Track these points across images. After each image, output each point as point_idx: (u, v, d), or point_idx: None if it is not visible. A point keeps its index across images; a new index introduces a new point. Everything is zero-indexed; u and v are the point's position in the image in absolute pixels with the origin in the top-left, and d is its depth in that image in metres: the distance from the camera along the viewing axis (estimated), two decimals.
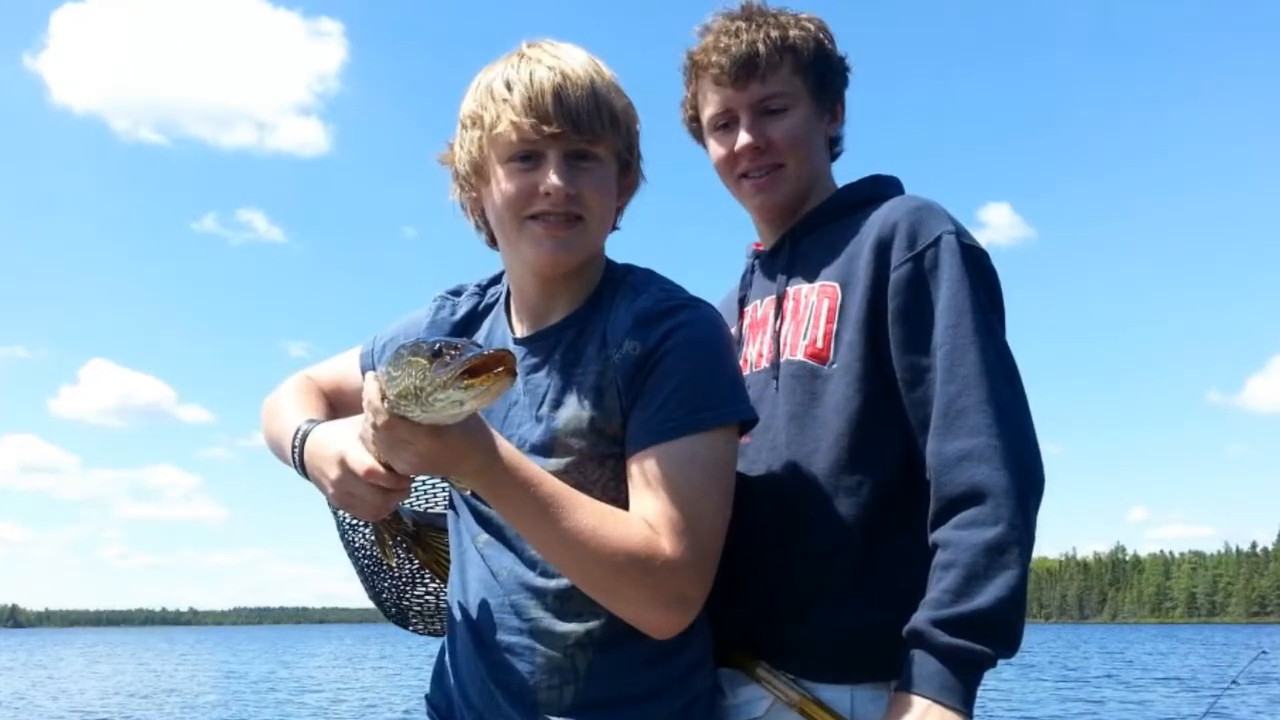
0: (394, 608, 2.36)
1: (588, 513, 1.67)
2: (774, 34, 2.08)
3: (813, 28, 2.12)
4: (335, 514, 2.25)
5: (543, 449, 1.80)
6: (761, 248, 2.23)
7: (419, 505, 2.21)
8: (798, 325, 2.02)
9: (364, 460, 1.66)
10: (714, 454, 1.73)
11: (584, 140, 1.79)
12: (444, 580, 2.12)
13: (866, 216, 2.01)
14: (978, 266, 1.91)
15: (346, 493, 1.71)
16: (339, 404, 2.09)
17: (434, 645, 2.16)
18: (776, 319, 2.07)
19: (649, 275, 1.91)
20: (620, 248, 1.97)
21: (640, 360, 1.75)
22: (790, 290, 2.08)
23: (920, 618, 1.74)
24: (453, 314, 2.05)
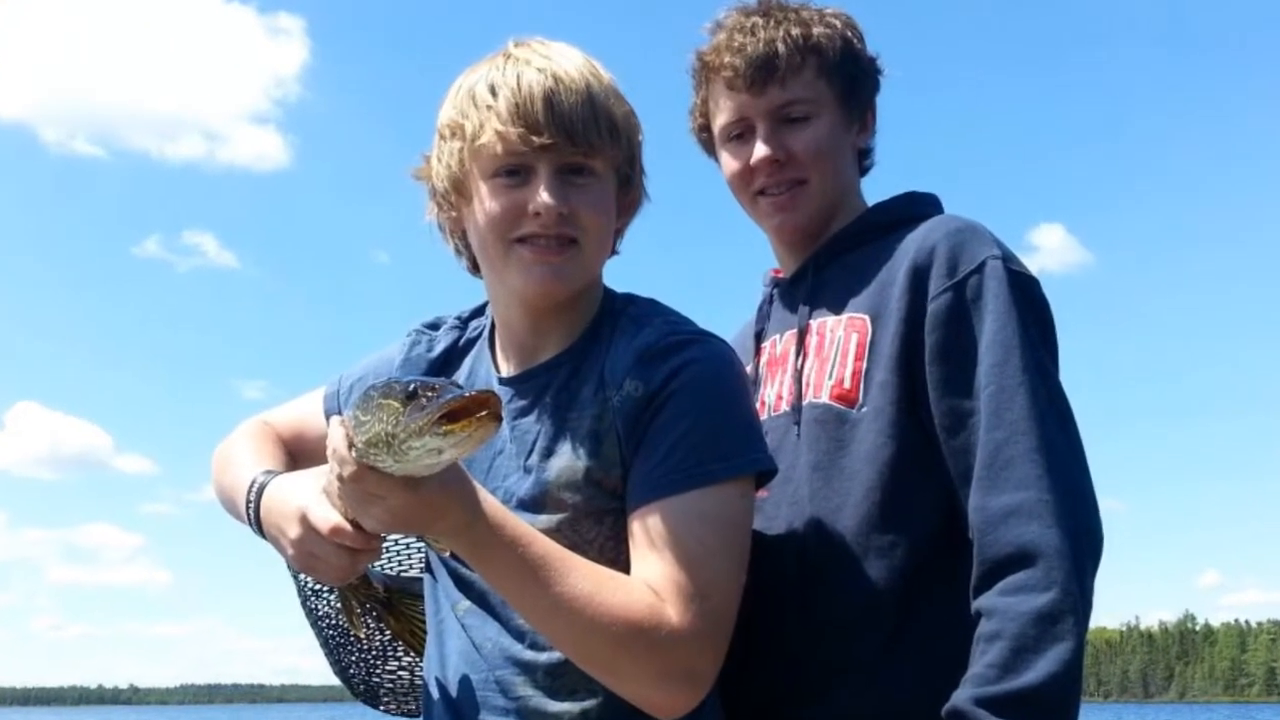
0: (363, 684, 2.35)
1: (583, 577, 1.66)
2: (795, 32, 2.08)
3: (839, 25, 2.13)
4: (296, 578, 2.24)
5: (532, 504, 1.79)
6: (781, 275, 2.23)
7: (391, 568, 2.21)
8: (822, 363, 2.02)
9: (328, 517, 1.66)
10: (727, 510, 1.72)
11: (579, 152, 1.80)
12: (419, 653, 2.11)
13: (900, 239, 2.02)
14: (1027, 296, 1.92)
15: (309, 553, 1.71)
16: (300, 453, 2.09)
17: None
18: (798, 356, 2.07)
19: (653, 306, 1.91)
20: (620, 274, 1.98)
21: (643, 403, 1.75)
22: (814, 323, 2.08)
23: (962, 695, 1.73)
24: (429, 350, 2.05)
